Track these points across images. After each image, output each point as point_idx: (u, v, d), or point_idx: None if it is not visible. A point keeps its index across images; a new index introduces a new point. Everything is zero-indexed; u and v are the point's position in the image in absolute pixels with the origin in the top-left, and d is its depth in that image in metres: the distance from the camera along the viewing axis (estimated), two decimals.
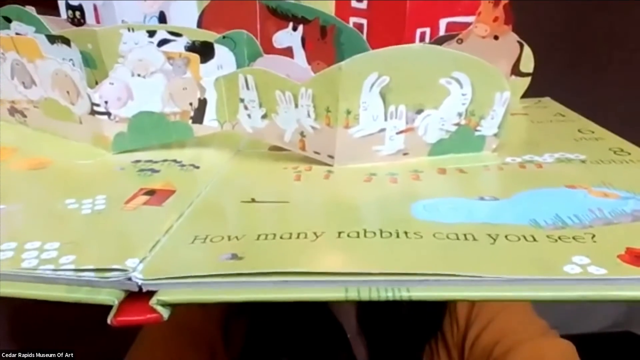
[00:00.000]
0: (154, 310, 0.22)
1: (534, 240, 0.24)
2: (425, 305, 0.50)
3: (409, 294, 0.21)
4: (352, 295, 0.21)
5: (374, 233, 0.25)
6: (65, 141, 0.41)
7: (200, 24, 0.46)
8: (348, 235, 0.25)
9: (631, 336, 1.03)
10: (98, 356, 0.61)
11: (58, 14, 0.46)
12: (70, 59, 0.37)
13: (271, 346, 0.49)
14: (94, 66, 0.38)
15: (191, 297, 0.22)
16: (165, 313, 0.22)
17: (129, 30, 0.37)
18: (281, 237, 0.25)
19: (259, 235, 0.25)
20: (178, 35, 0.39)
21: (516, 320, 0.47)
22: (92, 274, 0.22)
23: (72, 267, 0.23)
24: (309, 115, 0.34)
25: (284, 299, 0.22)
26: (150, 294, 0.22)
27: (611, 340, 1.01)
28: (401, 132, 0.35)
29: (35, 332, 0.81)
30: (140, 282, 0.22)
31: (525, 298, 0.22)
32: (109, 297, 0.22)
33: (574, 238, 0.24)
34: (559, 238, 0.24)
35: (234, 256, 0.23)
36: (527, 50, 0.48)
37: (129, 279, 0.22)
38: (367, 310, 0.50)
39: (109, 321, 0.22)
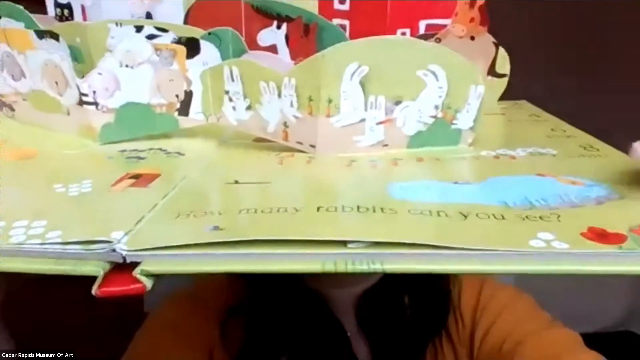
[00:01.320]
0: (138, 281, 0.23)
1: (503, 218, 0.25)
2: (428, 303, 0.49)
3: (382, 267, 0.22)
4: (329, 267, 0.22)
5: (352, 208, 0.26)
6: (53, 133, 0.41)
7: (185, 24, 0.47)
8: (327, 210, 0.26)
9: (631, 336, 1.04)
10: (98, 356, 0.61)
11: (45, 12, 0.47)
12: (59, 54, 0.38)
13: (270, 345, 0.48)
14: (82, 60, 0.39)
15: (174, 268, 0.23)
16: (148, 283, 0.23)
17: (117, 25, 0.39)
18: (262, 212, 0.26)
19: (241, 210, 0.26)
20: (165, 30, 0.40)
21: (522, 314, 0.47)
22: (78, 246, 0.23)
23: (59, 241, 0.23)
24: (292, 105, 0.35)
25: (264, 270, 0.23)
26: (135, 266, 0.23)
27: (611, 340, 1.01)
28: (381, 122, 0.36)
29: (35, 332, 0.80)
30: (124, 253, 0.23)
31: (494, 271, 0.23)
32: (95, 268, 0.22)
33: (540, 217, 0.25)
34: (527, 217, 0.25)
35: (216, 228, 0.24)
36: (502, 52, 0.50)
37: (114, 250, 0.23)
38: (367, 308, 0.49)
39: (93, 292, 0.22)
